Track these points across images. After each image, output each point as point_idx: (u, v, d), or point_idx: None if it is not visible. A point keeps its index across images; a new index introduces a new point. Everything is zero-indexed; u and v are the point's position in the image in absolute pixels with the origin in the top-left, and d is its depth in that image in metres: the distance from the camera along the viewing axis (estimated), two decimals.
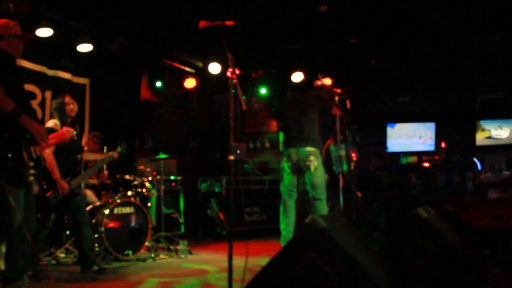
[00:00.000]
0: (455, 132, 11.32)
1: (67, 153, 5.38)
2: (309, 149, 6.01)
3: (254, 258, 6.06)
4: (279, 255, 3.23)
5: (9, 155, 3.72)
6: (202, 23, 3.65)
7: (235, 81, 3.52)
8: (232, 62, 3.54)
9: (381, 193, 10.84)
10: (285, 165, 6.16)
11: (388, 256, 3.94)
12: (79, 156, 5.62)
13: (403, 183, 11.26)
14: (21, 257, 3.97)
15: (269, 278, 3.10)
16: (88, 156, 6.09)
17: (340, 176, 6.15)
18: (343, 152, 6.27)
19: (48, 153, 5.15)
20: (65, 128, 4.48)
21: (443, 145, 11.35)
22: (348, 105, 5.70)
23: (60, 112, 5.39)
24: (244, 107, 3.66)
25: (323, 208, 6.13)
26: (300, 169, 6.07)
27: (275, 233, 6.59)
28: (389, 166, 11.78)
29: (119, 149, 6.17)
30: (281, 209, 6.23)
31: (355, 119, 6.17)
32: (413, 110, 11.41)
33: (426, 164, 11.54)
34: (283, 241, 6.07)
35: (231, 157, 3.43)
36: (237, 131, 3.45)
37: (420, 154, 11.67)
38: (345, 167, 6.59)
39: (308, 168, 5.96)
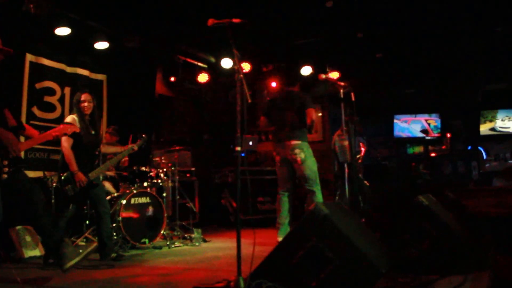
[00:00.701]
0: (459, 122, 11.41)
1: (85, 146, 5.50)
2: (294, 142, 6.12)
3: (263, 246, 6.28)
4: (284, 241, 3.45)
5: None
6: (211, 21, 3.73)
7: (241, 75, 3.60)
8: (238, 58, 3.64)
9: (388, 182, 10.96)
10: (276, 159, 6.31)
11: (391, 242, 4.17)
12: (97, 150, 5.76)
13: (410, 172, 11.37)
14: (49, 234, 4.30)
15: (275, 263, 3.32)
16: (107, 149, 6.23)
17: (346, 166, 6.24)
18: (346, 142, 6.38)
19: (66, 146, 5.37)
20: (62, 126, 4.57)
21: (448, 135, 11.45)
22: (353, 98, 5.76)
23: (77, 108, 5.56)
24: (249, 100, 3.73)
25: (318, 199, 6.16)
26: (289, 162, 6.20)
27: None
28: (396, 156, 11.91)
29: (140, 141, 6.26)
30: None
31: (362, 111, 6.28)
32: (419, 101, 11.50)
33: (433, 154, 11.65)
34: (280, 233, 6.19)
35: (238, 148, 3.57)
36: (243, 124, 3.59)
37: (426, 144, 11.79)
38: (348, 157, 6.66)
39: (295, 161, 6.07)
